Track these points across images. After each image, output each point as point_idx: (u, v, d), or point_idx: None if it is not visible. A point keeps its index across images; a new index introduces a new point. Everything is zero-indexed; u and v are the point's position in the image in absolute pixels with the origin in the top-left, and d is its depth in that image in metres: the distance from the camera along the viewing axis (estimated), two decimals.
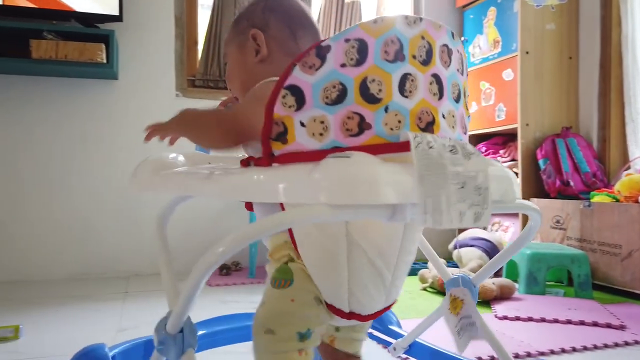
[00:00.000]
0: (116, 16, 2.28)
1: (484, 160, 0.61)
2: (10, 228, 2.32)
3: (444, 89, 0.64)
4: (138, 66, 2.51)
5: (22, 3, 2.16)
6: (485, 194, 0.58)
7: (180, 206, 0.96)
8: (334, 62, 0.57)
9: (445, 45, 0.65)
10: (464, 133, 0.69)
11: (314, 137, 0.58)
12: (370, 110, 0.58)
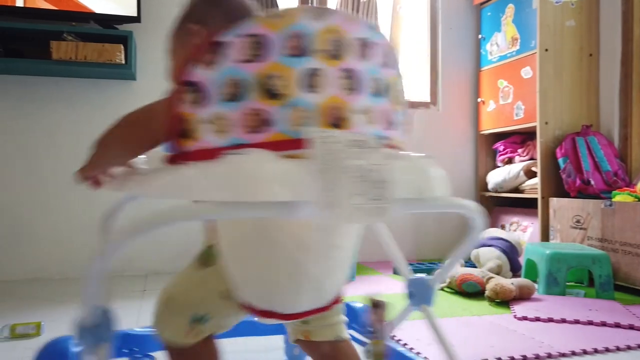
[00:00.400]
0: (134, 17, 2.30)
1: (393, 154, 0.61)
2: (32, 227, 2.35)
3: (358, 83, 0.61)
4: (155, 67, 2.52)
5: (42, 5, 2.19)
6: (386, 188, 0.56)
7: None
8: (233, 57, 0.56)
9: (363, 39, 0.61)
10: (391, 129, 0.66)
11: (217, 134, 0.57)
12: (272, 107, 0.56)
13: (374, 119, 0.63)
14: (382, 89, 0.64)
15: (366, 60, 0.62)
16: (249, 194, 0.51)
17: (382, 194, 0.55)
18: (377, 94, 0.63)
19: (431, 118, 3.01)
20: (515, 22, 2.70)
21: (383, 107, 0.64)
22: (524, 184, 2.67)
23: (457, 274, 2.03)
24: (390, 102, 0.66)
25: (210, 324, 0.75)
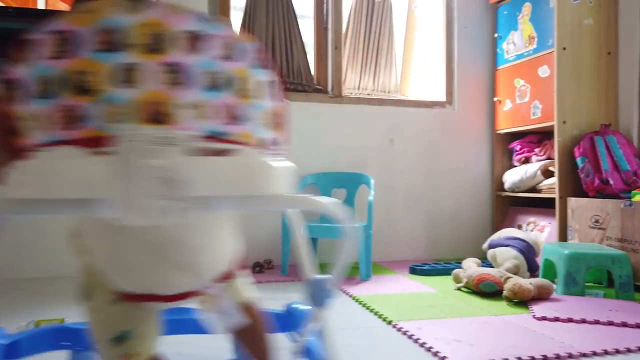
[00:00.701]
0: None
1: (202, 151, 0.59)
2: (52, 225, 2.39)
3: (185, 77, 0.59)
4: None
5: (61, 7, 2.23)
6: (183, 188, 0.55)
7: None
8: (42, 54, 0.57)
9: (193, 32, 0.60)
10: (234, 123, 0.63)
11: (39, 131, 0.57)
12: (85, 103, 0.56)
13: (207, 114, 0.61)
14: (221, 83, 0.62)
15: (197, 54, 0.60)
16: (46, 191, 0.53)
17: (178, 193, 0.55)
18: (213, 88, 0.62)
19: (446, 117, 3.00)
20: (532, 20, 2.68)
21: (222, 102, 0.62)
22: (541, 184, 2.65)
23: (474, 274, 2.02)
24: (234, 96, 0.64)
25: (134, 337, 0.75)
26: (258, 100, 0.67)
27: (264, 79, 0.69)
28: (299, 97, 2.80)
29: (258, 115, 0.67)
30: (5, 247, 2.34)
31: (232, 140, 0.63)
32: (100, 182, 0.54)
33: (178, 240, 0.71)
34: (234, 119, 0.64)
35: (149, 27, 0.58)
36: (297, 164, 2.82)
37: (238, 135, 0.64)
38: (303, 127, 2.77)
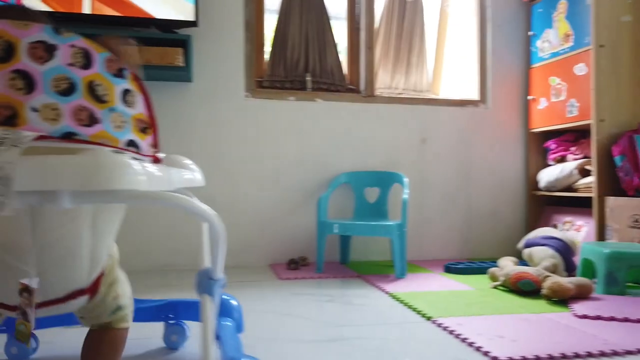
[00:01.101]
0: (192, 22, 2.39)
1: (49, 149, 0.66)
2: (156, 222, 2.49)
3: (35, 83, 0.66)
4: (210, 69, 2.63)
5: (107, 12, 2.31)
6: (7, 184, 0.58)
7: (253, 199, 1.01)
8: None
9: (41, 42, 0.67)
10: (85, 123, 0.68)
11: None
12: None
13: (59, 116, 0.67)
14: (71, 88, 0.68)
15: (46, 62, 0.67)
16: None
17: (4, 190, 0.58)
18: (64, 92, 0.68)
19: (480, 116, 2.99)
20: (569, 18, 2.65)
21: (76, 104, 0.68)
22: (578, 183, 2.62)
23: (511, 272, 2.02)
24: (85, 100, 0.69)
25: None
26: (117, 105, 0.73)
27: (122, 86, 0.74)
28: (332, 97, 2.84)
29: (119, 118, 0.73)
30: None
31: (84, 140, 0.69)
32: None
33: (30, 257, 0.77)
34: (91, 121, 0.69)
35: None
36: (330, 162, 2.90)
37: (95, 135, 0.70)
38: (335, 126, 2.81)
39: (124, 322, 0.97)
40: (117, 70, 0.74)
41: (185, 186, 0.94)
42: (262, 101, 2.73)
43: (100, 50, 0.72)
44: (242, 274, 2.42)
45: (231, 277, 2.26)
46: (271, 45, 2.84)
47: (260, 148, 2.71)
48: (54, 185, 0.63)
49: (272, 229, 2.70)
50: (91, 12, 2.30)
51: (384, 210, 2.69)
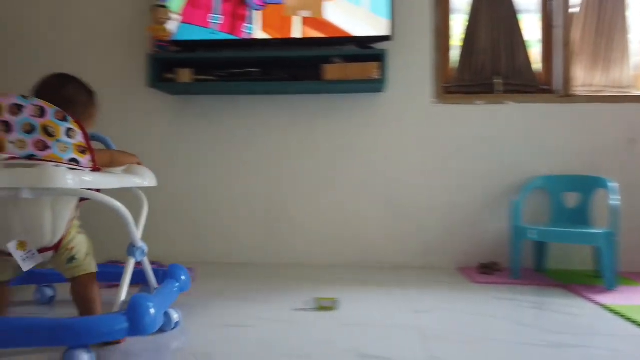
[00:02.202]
0: (387, 37, 2.56)
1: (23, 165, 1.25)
2: (293, 218, 2.81)
3: (12, 127, 1.26)
4: (399, 77, 2.77)
5: (314, 34, 2.60)
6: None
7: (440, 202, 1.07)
8: None
9: (15, 105, 1.26)
10: (41, 149, 1.27)
11: None
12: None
13: (27, 146, 1.27)
14: (34, 129, 1.26)
15: (19, 115, 1.25)
16: None
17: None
18: (29, 132, 1.26)
19: None
20: None
21: (34, 139, 1.26)
22: None
23: None
24: (41, 136, 1.26)
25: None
26: (60, 138, 1.28)
27: (66, 126, 1.29)
28: (524, 99, 2.76)
29: (62, 146, 1.29)
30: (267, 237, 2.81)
31: (43, 159, 1.27)
32: None
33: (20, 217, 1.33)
34: (44, 148, 1.27)
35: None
36: (522, 166, 2.84)
37: (47, 156, 1.28)
38: (528, 128, 2.73)
39: (81, 271, 1.45)
40: (62, 117, 1.29)
41: (129, 186, 1.57)
42: (449, 107, 2.78)
43: (51, 107, 1.28)
44: (432, 275, 2.50)
45: (421, 277, 2.38)
46: (460, 49, 2.87)
47: (448, 152, 2.76)
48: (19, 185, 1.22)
49: (461, 232, 2.74)
50: (301, 36, 2.60)
51: (586, 217, 2.53)
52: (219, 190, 2.85)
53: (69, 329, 1.21)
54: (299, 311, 1.79)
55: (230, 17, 2.64)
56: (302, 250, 2.80)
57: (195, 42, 2.65)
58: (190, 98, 2.86)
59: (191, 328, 1.59)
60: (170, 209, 2.85)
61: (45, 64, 2.89)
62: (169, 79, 2.63)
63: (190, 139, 2.86)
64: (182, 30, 2.65)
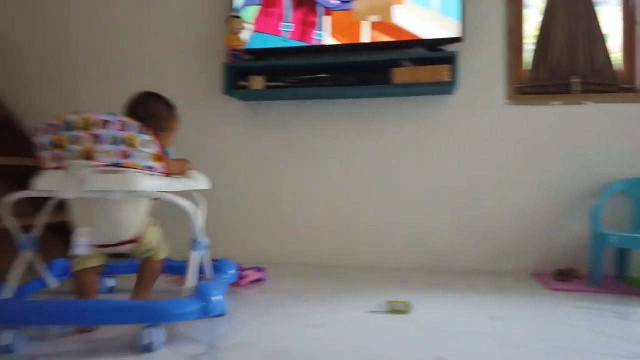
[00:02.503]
0: (457, 38, 2.54)
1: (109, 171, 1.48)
2: (363, 220, 2.84)
3: (101, 140, 1.46)
4: (470, 79, 2.73)
5: (383, 38, 2.62)
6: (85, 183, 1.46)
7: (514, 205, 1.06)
8: (45, 133, 1.50)
9: (103, 120, 1.46)
10: (124, 158, 1.49)
11: (46, 163, 1.53)
12: (60, 152, 1.47)
13: (112, 155, 1.47)
14: (119, 141, 1.47)
15: (106, 129, 1.46)
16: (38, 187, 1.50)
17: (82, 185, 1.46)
18: (114, 144, 1.47)
19: None
20: None
21: (119, 150, 1.47)
22: None
23: None
24: (124, 147, 1.47)
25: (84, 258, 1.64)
26: (141, 149, 1.50)
27: (145, 138, 1.51)
28: (604, 99, 2.64)
29: (141, 155, 1.51)
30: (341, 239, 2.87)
31: (123, 166, 1.49)
32: (55, 183, 1.49)
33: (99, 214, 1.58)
34: (125, 157, 1.49)
35: (83, 119, 1.46)
36: (601, 169, 2.73)
37: (128, 164, 1.49)
38: (608, 129, 2.61)
39: (154, 257, 1.75)
40: (142, 131, 1.50)
41: (192, 189, 1.82)
42: (523, 108, 2.71)
43: (133, 122, 1.50)
44: (505, 281, 2.46)
45: (493, 283, 2.35)
46: (534, 48, 2.79)
47: (522, 155, 2.69)
48: (108, 188, 1.48)
49: (535, 237, 2.66)
50: (370, 41, 2.64)
51: None
52: (291, 193, 2.94)
53: (149, 310, 1.42)
54: (373, 313, 1.83)
55: (301, 25, 2.72)
56: (373, 252, 2.84)
57: (267, 50, 2.75)
58: (262, 104, 2.97)
59: (270, 326, 1.67)
60: (243, 211, 2.98)
61: (134, 76, 3.11)
62: (242, 87, 2.74)
63: (262, 143, 2.97)
64: (254, 39, 2.76)
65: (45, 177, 1.51)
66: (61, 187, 1.46)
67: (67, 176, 1.46)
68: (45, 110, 3.20)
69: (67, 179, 1.46)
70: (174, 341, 1.49)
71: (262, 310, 1.86)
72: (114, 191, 1.48)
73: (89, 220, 1.57)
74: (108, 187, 1.47)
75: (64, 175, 1.47)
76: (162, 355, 1.38)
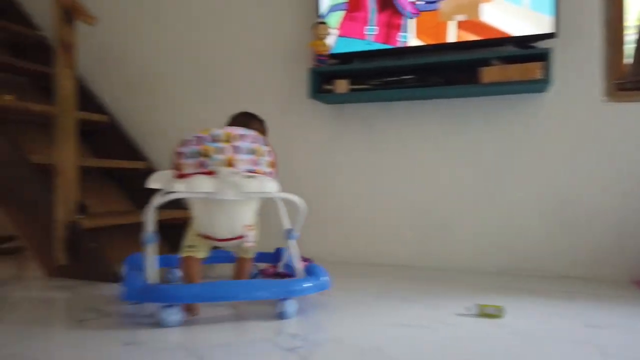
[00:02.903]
0: (550, 34, 2.44)
1: (251, 176, 1.73)
2: (445, 221, 2.80)
3: (239, 151, 1.71)
4: (564, 75, 2.61)
5: (469, 37, 2.58)
6: (241, 187, 1.69)
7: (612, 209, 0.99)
8: (192, 143, 1.73)
9: (240, 134, 1.73)
10: (255, 165, 1.74)
11: (189, 169, 1.72)
12: (205, 160, 1.69)
13: (247, 163, 1.72)
14: (251, 152, 1.73)
15: (243, 141, 1.72)
16: (199, 189, 1.68)
17: (239, 189, 1.69)
18: (248, 153, 1.72)
19: None
20: None
21: (251, 159, 1.73)
22: None
23: None
24: (254, 157, 1.74)
25: (196, 248, 1.87)
26: (263, 157, 1.77)
27: (266, 149, 1.78)
28: None
29: (264, 162, 1.77)
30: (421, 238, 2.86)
31: (255, 172, 1.74)
32: (212, 186, 1.68)
33: (235, 212, 1.79)
34: (256, 164, 1.74)
35: (226, 134, 1.72)
36: None
37: (257, 171, 1.75)
38: None
39: (249, 254, 2.07)
40: (264, 143, 1.79)
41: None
42: (623, 105, 2.55)
43: (260, 135, 1.79)
44: (602, 287, 2.33)
45: (590, 289, 2.24)
46: (635, 39, 2.61)
47: (622, 154, 2.53)
48: (248, 190, 1.72)
49: (635, 242, 2.49)
50: (456, 40, 2.60)
51: None
52: (372, 194, 2.97)
53: (284, 286, 1.78)
54: (462, 316, 1.81)
55: (385, 28, 2.74)
56: (460, 254, 2.80)
57: (352, 53, 2.80)
58: (346, 107, 3.03)
59: (360, 324, 1.71)
60: (328, 212, 3.05)
61: (224, 84, 3.29)
62: (327, 90, 2.81)
63: (345, 146, 3.03)
64: (339, 44, 2.83)
65: (196, 181, 1.69)
66: (217, 189, 1.68)
67: (219, 180, 1.68)
68: (144, 118, 3.47)
69: (220, 183, 1.68)
70: (273, 335, 1.58)
71: (349, 308, 1.91)
72: (255, 193, 1.75)
73: (215, 217, 1.80)
74: (251, 189, 1.72)
75: (215, 179, 1.69)
76: (262, 347, 1.47)
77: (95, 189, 3.17)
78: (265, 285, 1.82)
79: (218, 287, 1.76)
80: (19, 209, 2.49)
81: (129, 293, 1.69)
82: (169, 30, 3.46)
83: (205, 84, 3.35)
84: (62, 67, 2.41)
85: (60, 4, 2.38)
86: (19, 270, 2.66)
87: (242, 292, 1.75)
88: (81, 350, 1.44)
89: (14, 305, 1.93)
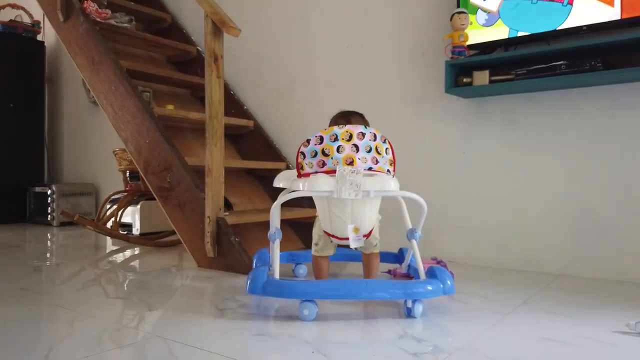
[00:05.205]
0: None
1: (366, 175, 1.72)
2: (599, 226, 2.43)
3: (359, 149, 1.72)
4: None
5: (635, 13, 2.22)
6: (360, 186, 1.67)
7: None
8: (313, 143, 1.77)
9: (361, 132, 1.74)
10: (374, 163, 1.74)
11: (310, 168, 1.77)
12: (326, 159, 1.73)
13: (367, 161, 1.73)
14: (371, 149, 1.74)
15: (363, 139, 1.74)
16: (317, 188, 1.71)
17: (357, 188, 1.68)
18: (368, 151, 1.73)
19: None
20: None
21: (371, 156, 1.74)
22: None
23: None
24: (374, 154, 1.74)
25: (321, 245, 1.99)
26: (383, 155, 1.76)
27: (385, 146, 1.78)
28: None
29: (384, 160, 1.76)
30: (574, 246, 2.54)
31: (375, 170, 1.74)
32: (331, 185, 1.70)
33: (356, 212, 1.83)
34: (376, 162, 1.74)
35: (346, 131, 1.74)
36: None
37: (377, 169, 1.74)
38: None
39: (376, 250, 2.03)
40: (384, 140, 1.78)
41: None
42: None
43: (378, 133, 1.77)
44: None
45: None
46: None
47: None
48: (367, 189, 1.70)
49: None
50: (620, 17, 2.26)
51: None
52: (517, 194, 2.72)
53: (404, 287, 1.72)
54: (622, 334, 1.55)
55: None
56: (623, 264, 2.42)
57: (493, 42, 2.61)
58: (484, 100, 2.82)
59: (492, 335, 1.57)
60: (464, 211, 2.88)
61: (359, 83, 3.32)
62: (465, 83, 2.65)
63: (485, 141, 2.83)
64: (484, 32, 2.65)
65: (316, 180, 1.71)
66: (336, 188, 1.68)
67: (338, 179, 1.68)
68: (284, 122, 3.66)
69: (339, 182, 1.68)
70: (397, 337, 1.52)
71: (483, 316, 1.76)
72: (377, 191, 1.72)
73: (335, 216, 1.85)
74: (370, 188, 1.70)
75: (335, 178, 1.69)
76: (387, 349, 1.42)
77: (242, 188, 3.43)
78: (384, 285, 1.75)
79: (336, 285, 1.76)
80: (175, 206, 2.79)
81: (252, 286, 1.76)
82: (309, 37, 3.59)
83: (343, 85, 3.41)
84: (211, 77, 2.63)
85: (210, 19, 2.61)
86: (177, 260, 2.98)
87: (363, 292, 1.74)
88: (222, 338, 1.55)
89: (173, 292, 2.16)
